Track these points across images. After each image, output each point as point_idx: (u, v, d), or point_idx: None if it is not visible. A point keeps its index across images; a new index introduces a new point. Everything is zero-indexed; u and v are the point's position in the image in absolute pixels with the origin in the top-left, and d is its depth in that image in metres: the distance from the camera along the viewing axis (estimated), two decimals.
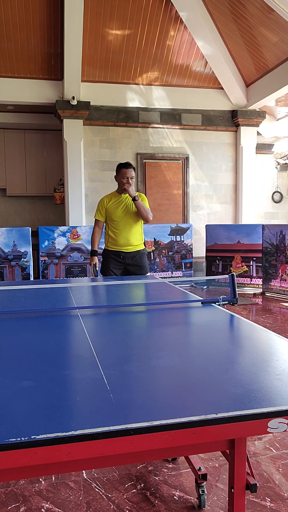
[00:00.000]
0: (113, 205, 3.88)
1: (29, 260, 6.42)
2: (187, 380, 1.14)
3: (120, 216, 3.86)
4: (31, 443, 0.81)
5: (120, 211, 3.86)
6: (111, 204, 3.89)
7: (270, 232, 6.68)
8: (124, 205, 3.87)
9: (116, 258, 3.88)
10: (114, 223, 3.88)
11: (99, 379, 1.11)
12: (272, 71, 6.67)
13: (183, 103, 7.49)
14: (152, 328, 1.78)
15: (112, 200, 3.90)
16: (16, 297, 2.35)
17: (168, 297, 2.40)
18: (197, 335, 1.67)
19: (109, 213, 3.90)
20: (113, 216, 3.87)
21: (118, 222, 3.86)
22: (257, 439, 2.39)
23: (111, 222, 3.91)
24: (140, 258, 3.94)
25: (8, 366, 1.24)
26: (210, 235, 7.23)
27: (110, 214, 3.89)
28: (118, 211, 3.86)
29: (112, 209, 3.88)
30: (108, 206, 3.89)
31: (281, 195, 9.07)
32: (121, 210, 3.86)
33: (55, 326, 1.74)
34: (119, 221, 3.86)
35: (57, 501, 1.87)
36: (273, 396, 0.99)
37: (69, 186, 7.02)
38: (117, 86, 7.18)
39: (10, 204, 8.53)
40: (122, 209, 3.86)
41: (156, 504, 1.85)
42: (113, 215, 3.87)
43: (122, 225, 3.86)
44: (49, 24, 6.28)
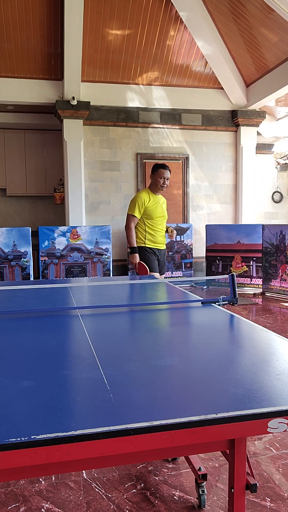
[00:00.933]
0: (152, 205, 4.04)
1: (29, 260, 6.42)
2: (187, 380, 1.14)
3: (159, 215, 4.06)
4: (31, 443, 0.81)
5: (159, 210, 4.07)
6: (150, 203, 4.03)
7: (270, 232, 6.68)
8: (160, 205, 4.10)
9: (154, 254, 4.10)
10: (154, 222, 4.06)
11: (99, 379, 1.11)
12: (272, 71, 6.67)
13: (183, 103, 7.49)
14: (152, 328, 1.78)
15: (151, 199, 4.05)
16: (16, 297, 2.35)
17: (168, 297, 2.40)
18: (197, 335, 1.67)
19: (149, 212, 4.02)
20: (153, 215, 4.04)
21: (157, 221, 4.06)
22: (257, 439, 2.39)
23: (150, 221, 4.05)
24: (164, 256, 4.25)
25: (8, 366, 1.24)
26: (210, 235, 7.23)
27: (150, 213, 4.02)
28: (158, 210, 4.05)
29: (152, 208, 4.03)
30: (148, 205, 4.02)
31: (281, 195, 9.07)
32: (160, 210, 4.07)
33: (55, 326, 1.74)
34: (158, 220, 4.06)
35: (57, 501, 1.87)
36: (273, 396, 0.99)
37: (69, 186, 7.02)
38: (117, 86, 7.18)
39: (10, 204, 8.53)
40: (160, 208, 4.08)
41: (156, 504, 1.85)
42: (153, 214, 4.04)
43: (160, 223, 4.08)
44: (49, 24, 6.28)
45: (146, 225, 4.05)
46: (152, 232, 4.07)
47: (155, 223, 4.05)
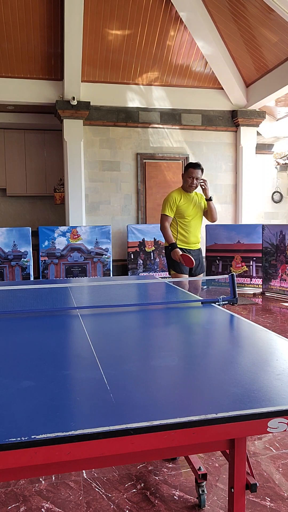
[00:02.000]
0: (184, 203, 3.96)
1: (29, 260, 6.42)
2: (187, 380, 1.14)
3: (191, 214, 3.96)
4: (31, 443, 0.81)
5: (192, 209, 3.96)
6: (182, 202, 3.96)
7: (270, 232, 6.68)
8: (194, 203, 3.99)
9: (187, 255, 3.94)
10: (186, 221, 3.95)
11: (99, 379, 1.11)
12: (272, 71, 6.67)
13: (183, 103, 7.49)
14: (152, 328, 1.78)
15: (182, 198, 3.97)
16: (16, 297, 2.35)
17: (168, 297, 2.40)
18: (197, 335, 1.67)
19: (180, 211, 3.94)
20: (185, 214, 3.94)
21: (190, 220, 3.96)
22: (257, 439, 2.40)
23: (182, 220, 3.96)
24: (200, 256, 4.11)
25: (8, 366, 1.24)
26: (210, 235, 7.23)
27: (182, 212, 3.94)
28: (190, 209, 3.95)
29: (184, 207, 3.95)
30: (180, 204, 3.95)
31: (281, 195, 9.07)
32: (192, 208, 3.96)
33: (55, 326, 1.74)
34: (191, 219, 3.96)
35: (57, 501, 1.87)
36: (273, 396, 0.99)
37: (69, 186, 7.02)
38: (117, 86, 7.18)
39: (10, 204, 8.53)
40: (193, 207, 3.97)
41: (156, 504, 1.85)
42: (185, 213, 3.94)
43: (193, 223, 3.97)
44: (49, 24, 6.28)
45: (178, 224, 3.97)
46: (183, 232, 3.97)
47: (187, 222, 3.96)
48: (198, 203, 4.04)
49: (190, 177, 3.95)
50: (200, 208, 4.05)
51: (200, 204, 4.05)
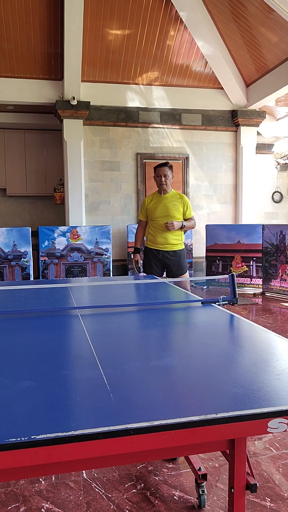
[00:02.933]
0: (153, 205, 4.03)
1: (29, 260, 6.42)
2: (187, 380, 1.14)
3: (159, 215, 3.98)
4: (31, 443, 0.81)
5: (159, 211, 3.98)
6: (151, 204, 4.04)
7: (270, 232, 6.68)
8: (163, 205, 3.99)
9: (156, 256, 4.04)
10: (153, 223, 4.03)
11: (99, 379, 1.11)
12: (272, 71, 6.67)
13: (183, 103, 7.49)
14: (152, 328, 1.78)
15: (153, 201, 4.05)
16: (16, 297, 2.35)
17: (168, 297, 2.40)
18: (197, 335, 1.67)
19: (149, 213, 4.05)
20: (152, 216, 4.02)
21: (157, 221, 3.99)
22: (257, 439, 2.39)
23: (151, 222, 4.07)
24: (179, 258, 4.06)
25: (8, 366, 1.24)
26: (210, 235, 7.23)
27: (150, 213, 4.04)
28: (157, 211, 3.98)
29: (152, 208, 4.03)
30: (149, 206, 4.05)
31: (281, 195, 9.07)
32: (160, 210, 3.98)
33: (55, 326, 1.74)
34: (158, 220, 3.99)
35: (57, 501, 1.87)
36: (273, 396, 0.99)
37: (69, 186, 7.02)
38: (117, 86, 7.18)
39: (10, 204, 8.53)
40: (162, 208, 3.98)
41: (156, 504, 1.85)
42: (152, 214, 4.02)
43: (161, 224, 3.97)
44: (49, 24, 6.28)
45: (149, 225, 4.12)
46: (152, 233, 4.07)
47: (155, 223, 4.02)
48: (172, 204, 3.98)
49: (157, 176, 4.00)
50: (175, 209, 3.97)
51: (175, 206, 3.98)
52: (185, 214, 4.06)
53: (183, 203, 4.02)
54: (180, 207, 4.01)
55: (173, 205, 3.98)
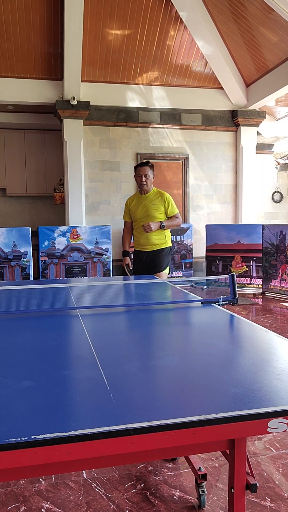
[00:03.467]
0: (134, 206, 3.96)
1: (29, 260, 6.42)
2: (187, 380, 1.14)
3: (140, 216, 3.91)
4: (31, 443, 0.81)
5: (140, 212, 3.91)
6: (133, 205, 3.98)
7: (270, 232, 6.68)
8: (143, 205, 3.92)
9: (141, 258, 3.98)
10: (136, 224, 3.97)
11: (99, 379, 1.11)
12: (272, 71, 6.67)
13: (183, 103, 7.49)
14: (152, 328, 1.78)
15: (134, 201, 3.99)
16: (16, 297, 2.35)
17: (168, 297, 2.40)
18: (197, 335, 1.67)
19: (132, 214, 3.99)
20: (134, 217, 3.96)
21: (139, 222, 3.92)
22: (257, 439, 2.39)
23: (134, 223, 4.01)
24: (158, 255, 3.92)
25: (8, 366, 1.24)
26: (210, 235, 7.23)
27: (133, 215, 3.97)
28: (139, 211, 3.92)
29: (133, 210, 3.96)
30: (131, 207, 3.99)
31: (281, 195, 9.07)
32: (141, 211, 3.91)
33: (55, 326, 1.74)
34: (140, 221, 3.92)
35: (57, 501, 1.87)
36: (273, 396, 0.99)
37: (69, 186, 7.02)
38: (117, 86, 7.18)
39: (10, 204, 8.53)
40: (142, 209, 3.91)
41: (156, 504, 1.85)
42: (134, 216, 3.95)
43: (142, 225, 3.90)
44: (49, 24, 6.28)
45: (133, 227, 4.05)
46: (136, 234, 4.02)
47: (138, 225, 3.95)
48: (152, 204, 3.87)
49: (137, 176, 3.91)
50: (155, 208, 3.86)
51: (155, 205, 3.86)
52: (167, 212, 3.90)
53: (163, 201, 3.87)
54: (161, 205, 3.87)
55: (153, 205, 3.86)
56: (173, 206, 3.90)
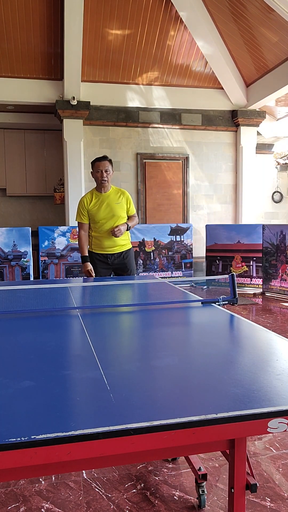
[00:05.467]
0: (94, 206, 3.60)
1: (29, 260, 6.42)
2: (187, 380, 1.14)
3: (104, 216, 3.58)
4: (31, 443, 0.81)
5: (104, 212, 3.58)
6: (92, 205, 3.60)
7: (270, 232, 6.68)
8: (106, 204, 3.58)
9: (104, 261, 3.67)
10: (98, 225, 3.60)
11: (99, 379, 1.11)
12: (272, 71, 6.67)
13: (183, 103, 7.49)
14: (152, 328, 1.78)
15: (93, 201, 3.61)
16: (16, 297, 2.35)
17: (168, 297, 2.40)
18: (197, 335, 1.67)
19: (91, 215, 3.61)
20: (95, 218, 3.59)
21: (103, 223, 3.59)
22: (257, 439, 2.39)
23: (94, 224, 3.63)
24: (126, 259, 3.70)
25: (8, 366, 1.24)
26: (210, 235, 7.23)
27: (93, 215, 3.60)
28: (102, 211, 3.58)
29: (94, 210, 3.59)
30: (90, 207, 3.60)
31: (281, 195, 9.07)
32: (104, 211, 3.58)
33: (55, 326, 1.74)
34: (105, 222, 3.58)
35: (57, 501, 1.87)
36: (273, 396, 0.99)
37: (69, 186, 7.02)
38: (117, 86, 7.18)
39: (10, 204, 8.53)
40: (106, 209, 3.58)
41: (156, 504, 1.85)
42: (96, 216, 3.58)
43: (107, 226, 3.58)
44: (49, 24, 6.28)
45: (92, 229, 3.66)
46: (97, 236, 3.63)
47: (100, 226, 3.58)
48: (116, 203, 3.59)
49: (97, 171, 3.54)
50: (120, 207, 3.59)
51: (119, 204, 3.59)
52: (128, 211, 3.67)
53: (125, 200, 3.64)
54: (124, 204, 3.63)
55: (116, 204, 3.59)
56: (133, 205, 3.69)
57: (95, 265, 3.69)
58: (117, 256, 3.68)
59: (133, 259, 3.78)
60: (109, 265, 3.69)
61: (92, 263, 3.68)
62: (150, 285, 2.80)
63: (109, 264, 3.68)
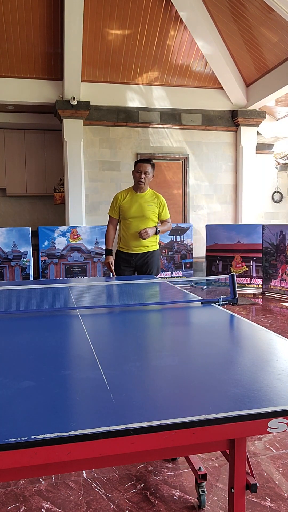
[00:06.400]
0: (127, 203, 3.64)
1: (29, 260, 6.42)
2: (187, 380, 1.14)
3: (133, 215, 3.61)
4: (31, 443, 0.81)
5: (134, 210, 3.61)
6: (125, 202, 3.65)
7: (270, 232, 6.68)
8: (138, 204, 3.62)
9: (127, 260, 3.67)
10: (126, 223, 3.64)
11: (99, 379, 1.11)
12: (272, 71, 6.67)
13: (183, 103, 7.49)
14: (152, 328, 1.78)
15: (127, 198, 3.67)
16: (16, 297, 2.35)
17: (168, 297, 2.40)
18: (197, 335, 1.67)
19: (122, 211, 3.66)
20: (126, 215, 3.63)
21: (131, 221, 3.61)
22: (257, 439, 2.39)
23: (123, 221, 3.67)
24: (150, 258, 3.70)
25: (8, 366, 1.24)
26: (210, 235, 7.23)
27: (124, 212, 3.64)
28: (132, 210, 3.62)
29: (126, 207, 3.64)
30: (122, 204, 3.66)
31: (281, 195, 9.07)
32: (134, 209, 3.62)
33: (55, 326, 1.74)
34: (132, 220, 3.61)
35: (57, 501, 1.87)
36: (273, 396, 0.99)
37: (69, 186, 7.02)
38: (117, 86, 7.18)
39: (10, 204, 8.52)
40: (136, 208, 3.62)
41: (156, 504, 1.85)
42: (126, 213, 3.63)
43: (134, 225, 3.61)
44: (49, 24, 6.28)
45: (121, 226, 3.71)
46: (124, 234, 3.67)
47: (128, 224, 3.62)
48: (148, 205, 3.63)
49: (137, 171, 3.64)
50: (150, 210, 3.63)
51: (150, 207, 3.64)
52: (160, 215, 3.72)
53: (159, 204, 3.69)
54: (156, 208, 3.68)
55: (148, 206, 3.65)
56: (167, 210, 3.75)
57: (118, 264, 3.73)
58: (141, 256, 3.69)
59: (157, 260, 3.78)
60: (130, 265, 3.70)
61: (117, 262, 3.74)
62: (150, 285, 2.80)
63: (131, 264, 3.69)
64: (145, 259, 3.70)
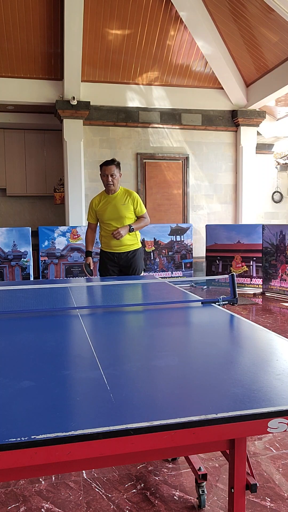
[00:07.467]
0: (102, 207, 3.74)
1: (29, 260, 6.42)
2: (187, 380, 1.14)
3: (109, 217, 3.71)
4: (31, 443, 0.81)
5: (109, 212, 3.71)
6: (100, 206, 3.75)
7: (270, 232, 6.68)
8: (112, 205, 3.70)
9: (112, 259, 3.79)
10: (105, 225, 3.76)
11: (99, 379, 1.11)
12: (272, 71, 6.67)
13: (183, 103, 7.49)
14: (152, 328, 1.78)
15: (101, 202, 3.76)
16: (16, 297, 2.35)
17: (168, 297, 2.40)
18: (197, 335, 1.67)
19: (99, 215, 3.78)
20: (102, 218, 3.75)
21: (109, 224, 3.72)
22: (257, 439, 2.39)
23: (102, 224, 3.78)
24: (133, 258, 3.79)
25: (8, 366, 1.24)
26: (210, 235, 7.23)
27: (100, 216, 3.76)
28: (107, 213, 3.71)
29: (101, 211, 3.74)
30: (98, 209, 3.77)
31: (281, 195, 9.07)
32: (109, 212, 3.71)
33: (55, 326, 1.74)
34: (110, 222, 3.71)
35: (57, 501, 1.87)
36: (273, 396, 0.99)
37: (69, 186, 7.02)
38: (117, 86, 7.18)
39: (10, 204, 8.52)
40: (111, 210, 3.71)
41: (156, 504, 1.85)
42: (102, 217, 3.74)
43: (113, 227, 3.70)
44: (49, 24, 6.28)
45: (101, 228, 3.83)
46: (104, 235, 3.79)
47: (107, 226, 3.73)
48: (121, 204, 3.70)
49: (103, 175, 3.67)
50: (125, 208, 3.69)
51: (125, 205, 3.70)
52: (135, 211, 3.75)
53: (132, 200, 3.72)
54: (130, 205, 3.72)
55: (122, 205, 3.70)
56: (141, 205, 3.78)
57: (104, 263, 3.84)
58: (124, 256, 3.78)
59: (140, 259, 3.87)
60: (115, 264, 3.81)
61: (102, 261, 3.87)
62: (150, 285, 2.80)
63: (116, 262, 3.80)
64: (129, 260, 3.79)
